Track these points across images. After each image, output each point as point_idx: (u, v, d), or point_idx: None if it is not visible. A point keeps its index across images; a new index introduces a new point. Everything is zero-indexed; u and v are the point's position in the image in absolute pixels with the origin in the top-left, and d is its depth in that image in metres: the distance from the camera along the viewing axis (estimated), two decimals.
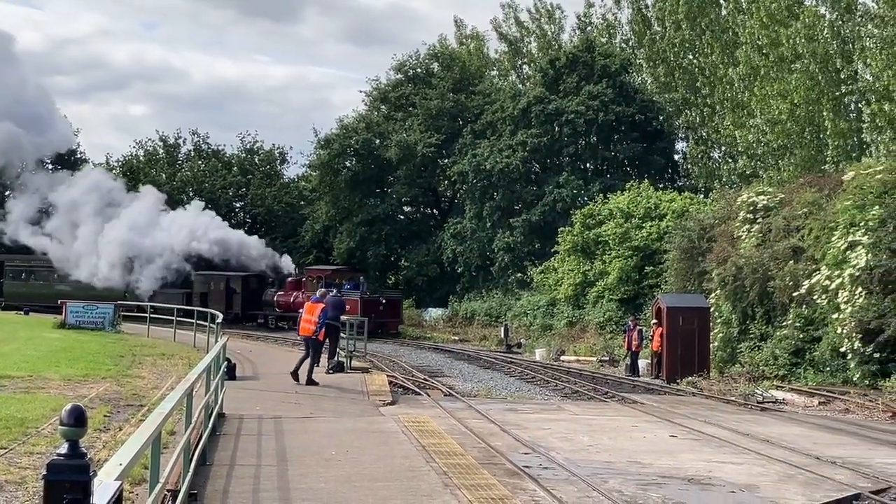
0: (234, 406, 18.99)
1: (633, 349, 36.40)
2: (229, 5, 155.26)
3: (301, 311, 27.19)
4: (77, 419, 5.10)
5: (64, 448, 4.97)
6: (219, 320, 31.36)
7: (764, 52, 46.78)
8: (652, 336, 35.36)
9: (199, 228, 59.69)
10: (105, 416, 17.87)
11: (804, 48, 43.28)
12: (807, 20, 43.54)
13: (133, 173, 74.54)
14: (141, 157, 79.88)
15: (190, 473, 11.04)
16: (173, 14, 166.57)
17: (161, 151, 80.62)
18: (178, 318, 42.03)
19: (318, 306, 25.50)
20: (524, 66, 77.20)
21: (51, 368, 25.28)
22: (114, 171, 71.79)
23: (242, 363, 28.85)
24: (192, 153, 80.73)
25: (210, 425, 14.81)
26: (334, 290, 32.92)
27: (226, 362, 20.05)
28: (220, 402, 17.16)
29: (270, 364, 29.56)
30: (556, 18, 75.07)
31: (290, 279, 56.59)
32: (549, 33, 75.21)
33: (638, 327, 36.71)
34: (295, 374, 24.89)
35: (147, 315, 44.48)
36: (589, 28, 71.29)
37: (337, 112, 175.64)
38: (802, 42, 43.34)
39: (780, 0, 46.56)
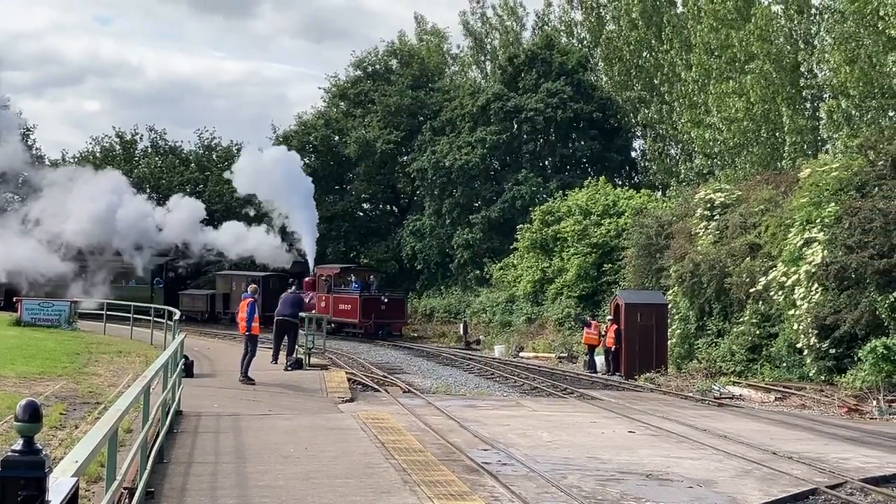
0: (191, 403, 18.89)
1: (592, 344, 36.69)
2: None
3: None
4: (32, 415, 5.04)
5: (19, 444, 4.91)
6: (176, 317, 31.15)
7: (716, 54, 47.01)
8: (605, 332, 35.55)
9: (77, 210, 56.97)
10: (61, 413, 17.74)
11: (758, 48, 43.53)
12: (760, 21, 43.75)
13: None
14: (97, 154, 79.14)
15: (147, 471, 10.97)
16: (125, 7, 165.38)
17: (118, 148, 79.94)
18: (135, 316, 41.77)
19: (246, 302, 25.45)
20: (487, 63, 77.20)
21: (6, 366, 25.02)
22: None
23: (200, 360, 28.72)
24: (149, 149, 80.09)
25: (167, 423, 14.72)
26: (293, 287, 32.82)
27: (183, 360, 19.93)
28: (177, 399, 17.07)
29: (227, 361, 29.42)
30: (518, 16, 75.15)
31: (306, 279, 54.62)
32: (511, 30, 75.23)
33: (585, 324, 37.14)
34: (247, 379, 24.73)
35: (104, 312, 44.17)
36: (546, 27, 71.34)
37: (293, 108, 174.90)
38: (756, 43, 43.58)
39: (730, 3, 46.73)
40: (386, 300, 51.03)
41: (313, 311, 50.26)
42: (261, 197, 59.54)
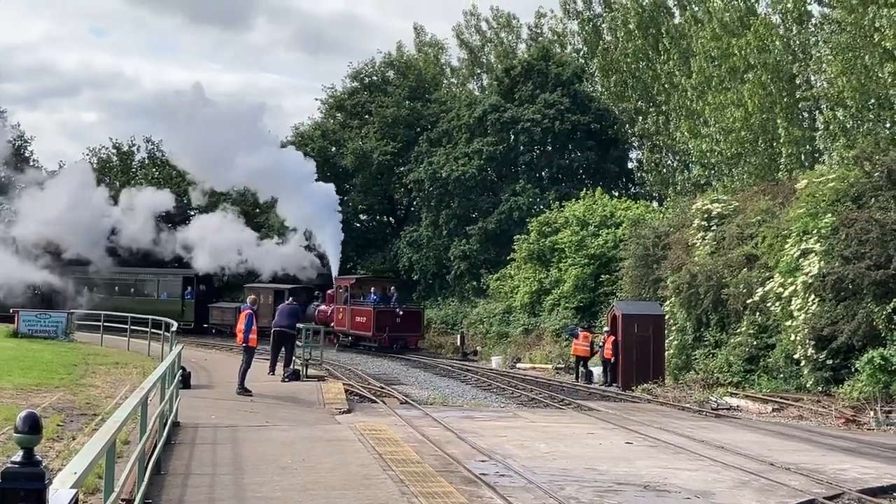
0: (189, 415, 18.87)
1: (580, 354, 37.03)
2: (176, 12, 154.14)
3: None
4: (32, 426, 5.04)
5: (18, 456, 4.91)
6: (173, 329, 31.11)
7: (716, 62, 47.07)
8: (603, 344, 35.62)
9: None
10: (58, 425, 17.71)
11: (755, 59, 43.61)
12: (758, 31, 43.83)
13: None
14: (94, 165, 79.10)
15: (145, 482, 10.97)
16: (119, 20, 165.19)
17: (115, 159, 79.88)
18: (132, 327, 41.70)
19: (244, 313, 25.40)
20: (483, 75, 77.31)
21: (3, 378, 25.01)
22: None
23: (197, 372, 28.68)
24: (147, 161, 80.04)
25: (165, 434, 14.71)
26: (290, 299, 32.80)
27: (180, 371, 19.91)
28: (174, 410, 17.05)
29: (225, 373, 29.41)
30: (513, 27, 75.30)
31: (328, 291, 53.91)
32: (506, 42, 75.39)
33: (573, 335, 37.52)
34: (244, 390, 24.64)
35: (101, 324, 44.10)
36: (540, 39, 71.52)
37: (289, 119, 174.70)
38: (754, 53, 43.65)
39: (733, 11, 46.90)
40: (401, 313, 49.73)
41: (332, 324, 50.01)
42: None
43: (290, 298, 33.16)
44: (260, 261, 57.85)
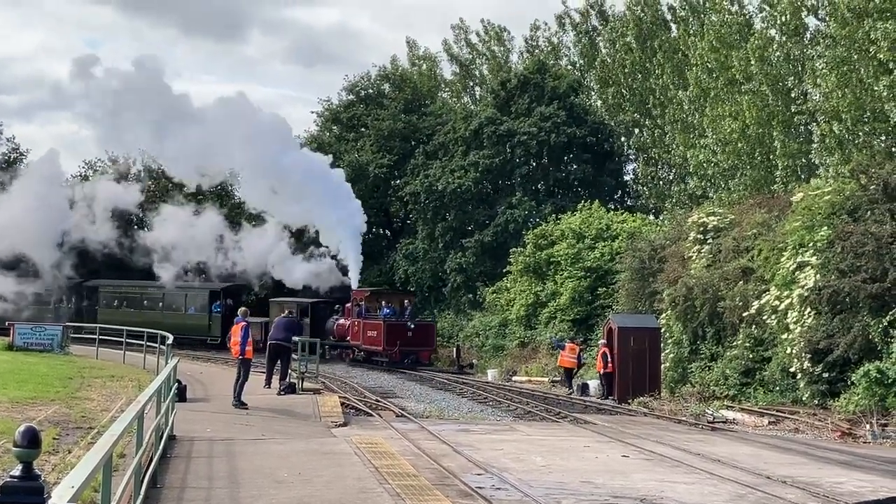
0: (184, 428, 18.85)
1: (566, 366, 37.29)
2: (170, 24, 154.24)
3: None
4: (31, 441, 5.04)
5: (17, 470, 4.90)
6: (169, 341, 31.05)
7: (714, 74, 47.13)
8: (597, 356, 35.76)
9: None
10: (54, 438, 17.68)
11: (757, 68, 43.65)
12: (758, 41, 43.91)
13: None
14: (90, 178, 78.96)
15: (141, 496, 10.96)
16: (114, 31, 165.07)
17: (110, 171, 79.73)
18: (128, 340, 41.59)
19: (239, 326, 25.43)
20: (476, 88, 77.41)
21: None
22: None
23: (193, 385, 28.63)
24: (143, 173, 79.85)
25: (161, 447, 14.68)
26: (286, 311, 32.82)
27: (176, 384, 19.88)
28: (170, 424, 17.02)
29: (221, 386, 29.36)
30: (504, 40, 75.38)
31: (347, 304, 52.25)
32: (498, 55, 75.48)
33: (560, 347, 37.77)
34: (240, 403, 24.61)
35: (96, 336, 44.02)
36: (536, 51, 71.61)
37: None
38: (755, 63, 43.68)
39: (731, 25, 47.01)
40: (413, 326, 48.59)
41: (348, 338, 49.63)
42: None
43: (287, 311, 33.17)
44: (243, 260, 57.21)
